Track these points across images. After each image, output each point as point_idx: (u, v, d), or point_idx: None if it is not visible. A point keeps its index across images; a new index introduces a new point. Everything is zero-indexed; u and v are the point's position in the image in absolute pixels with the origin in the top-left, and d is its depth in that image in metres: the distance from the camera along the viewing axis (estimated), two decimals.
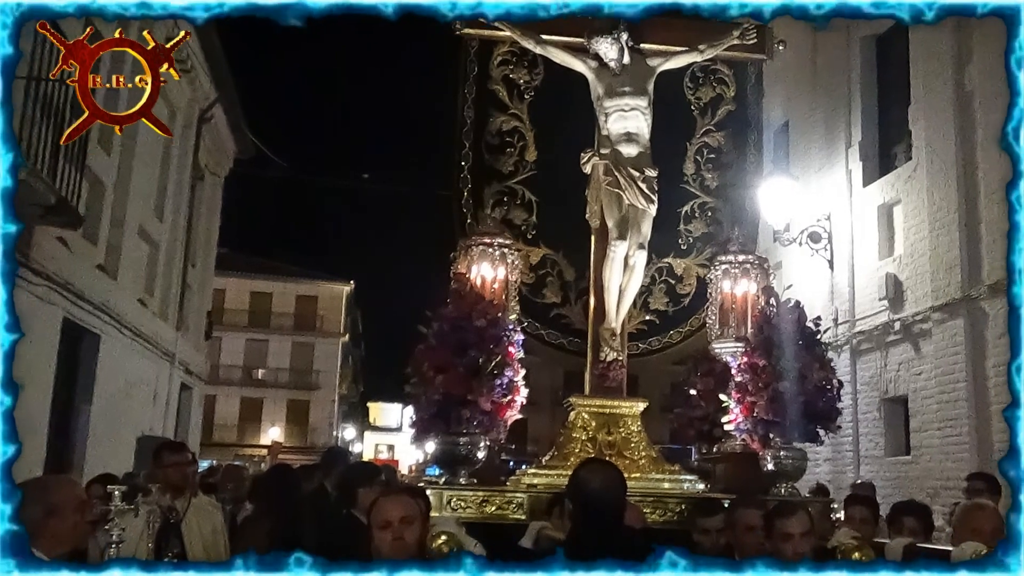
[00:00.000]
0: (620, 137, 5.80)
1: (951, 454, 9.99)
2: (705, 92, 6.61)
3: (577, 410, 5.73)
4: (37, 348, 8.99)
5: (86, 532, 3.46)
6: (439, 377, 4.83)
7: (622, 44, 5.84)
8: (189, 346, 16.63)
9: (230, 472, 8.44)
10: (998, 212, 9.60)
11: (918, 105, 11.23)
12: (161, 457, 5.09)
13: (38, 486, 3.34)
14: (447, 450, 5.04)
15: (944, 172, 10.48)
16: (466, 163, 6.26)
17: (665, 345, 6.38)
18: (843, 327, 12.28)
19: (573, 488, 3.25)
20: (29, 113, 7.42)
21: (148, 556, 4.40)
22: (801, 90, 13.83)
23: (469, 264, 5.69)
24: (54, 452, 9.64)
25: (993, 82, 9.77)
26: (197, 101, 15.53)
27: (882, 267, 11.67)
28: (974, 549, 3.21)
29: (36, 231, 8.51)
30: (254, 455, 37.61)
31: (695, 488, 5.49)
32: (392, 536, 3.11)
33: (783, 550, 3.47)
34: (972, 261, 10.02)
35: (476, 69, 6.34)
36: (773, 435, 5.13)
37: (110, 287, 11.50)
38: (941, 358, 10.38)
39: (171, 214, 14.95)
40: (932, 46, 10.90)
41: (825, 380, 5.19)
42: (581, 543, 3.09)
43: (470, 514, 4.82)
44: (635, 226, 5.73)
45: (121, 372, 12.05)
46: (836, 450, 11.93)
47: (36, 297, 8.86)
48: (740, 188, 6.64)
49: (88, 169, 9.63)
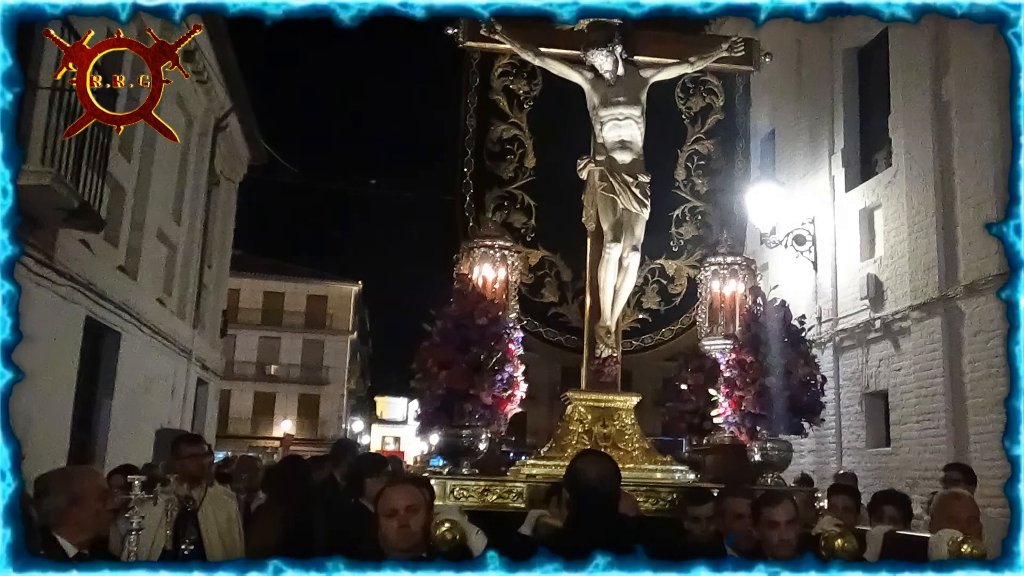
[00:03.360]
0: (615, 144, 5.80)
1: (929, 446, 9.98)
2: (695, 102, 6.61)
3: (574, 404, 5.73)
4: (61, 345, 8.98)
5: (108, 520, 3.46)
6: (443, 373, 4.83)
7: (617, 56, 5.84)
8: (205, 343, 16.61)
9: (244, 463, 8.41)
10: (974, 216, 9.60)
11: (898, 114, 11.22)
12: (179, 449, 5.09)
13: (62, 476, 3.35)
14: (450, 442, 5.04)
15: (922, 178, 10.47)
16: (468, 169, 6.25)
17: (657, 342, 6.37)
18: (826, 325, 12.27)
19: (570, 478, 3.25)
20: (53, 122, 7.41)
21: (166, 543, 4.41)
22: (787, 100, 13.83)
23: (471, 265, 5.69)
24: (77, 444, 9.63)
25: (969, 92, 9.77)
26: (213, 110, 15.51)
27: (863, 268, 11.66)
28: (951, 536, 3.21)
29: (60, 234, 8.50)
30: (267, 447, 37.61)
31: (686, 478, 5.49)
32: (398, 524, 3.11)
33: (769, 537, 3.47)
34: (949, 262, 10.01)
35: (478, 80, 6.34)
36: (760, 428, 5.13)
37: (130, 287, 11.48)
38: (920, 355, 10.37)
39: (188, 218, 14.93)
40: (911, 58, 10.90)
41: (809, 376, 5.20)
42: (578, 530, 3.09)
43: (472, 503, 4.82)
44: (629, 229, 5.73)
45: (141, 368, 12.03)
46: (820, 442, 11.92)
47: (60, 296, 8.85)
48: (729, 193, 6.64)
49: (109, 175, 9.62)
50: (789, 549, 3.44)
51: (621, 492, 3.39)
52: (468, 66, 6.33)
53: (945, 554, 3.14)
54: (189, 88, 13.82)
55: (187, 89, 13.72)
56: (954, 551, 3.13)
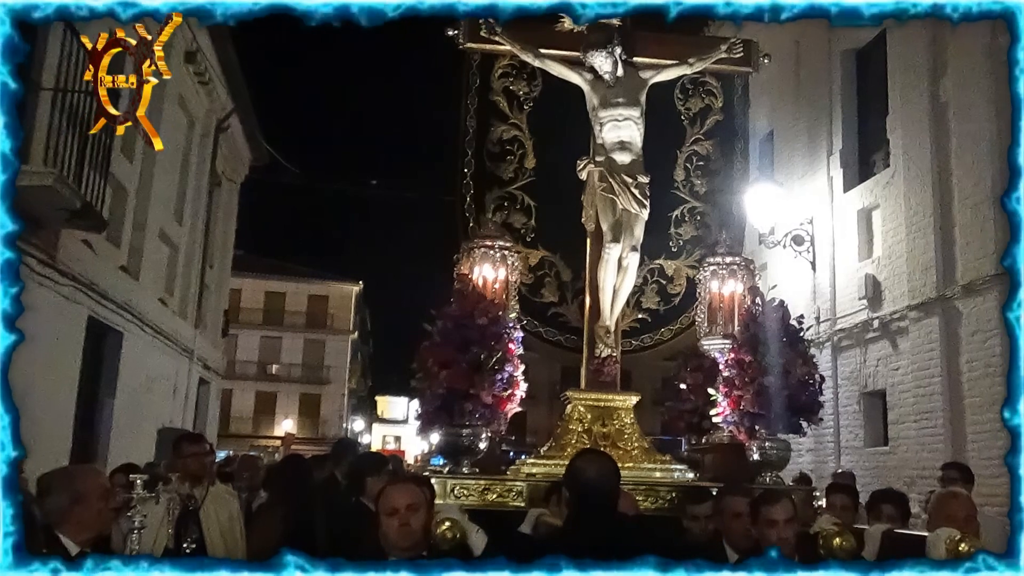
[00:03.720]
0: (614, 145, 5.80)
1: (927, 445, 9.97)
2: (694, 103, 6.60)
3: (573, 403, 5.72)
4: (63, 345, 8.98)
5: (110, 518, 3.46)
6: (443, 372, 4.82)
7: (616, 58, 5.84)
8: (207, 343, 16.61)
9: (246, 462, 8.41)
10: (971, 216, 9.60)
11: (895, 115, 11.22)
12: (181, 448, 5.08)
13: (65, 475, 3.34)
14: (451, 441, 5.03)
15: (920, 178, 10.46)
16: (468, 170, 6.25)
17: (657, 342, 6.37)
18: (825, 325, 12.26)
19: (570, 477, 3.25)
20: (56, 123, 7.40)
21: (168, 541, 4.40)
22: (785, 101, 13.82)
23: (471, 265, 5.69)
24: (79, 443, 9.62)
25: (967, 93, 9.76)
26: (214, 112, 15.50)
27: (861, 268, 11.65)
28: (948, 535, 3.20)
29: (62, 234, 8.49)
30: (268, 446, 37.52)
31: (685, 477, 5.48)
32: (399, 522, 3.10)
33: (768, 536, 3.46)
34: (947, 263, 10.00)
35: (478, 81, 6.33)
36: (759, 427, 5.13)
37: (132, 287, 11.48)
38: (917, 354, 10.36)
39: (190, 218, 14.92)
40: (909, 59, 10.89)
41: (808, 375, 5.19)
42: (577, 529, 3.09)
43: (472, 501, 4.81)
44: (628, 229, 5.73)
45: (143, 368, 12.03)
46: (818, 441, 11.92)
47: (62, 297, 8.85)
48: (727, 194, 6.63)
49: (112, 176, 9.61)
50: (787, 547, 3.44)
51: (620, 491, 3.39)
52: (468, 67, 6.32)
53: (943, 552, 3.14)
54: (191, 89, 13.82)
55: (189, 90, 13.72)
56: (952, 549, 3.12)
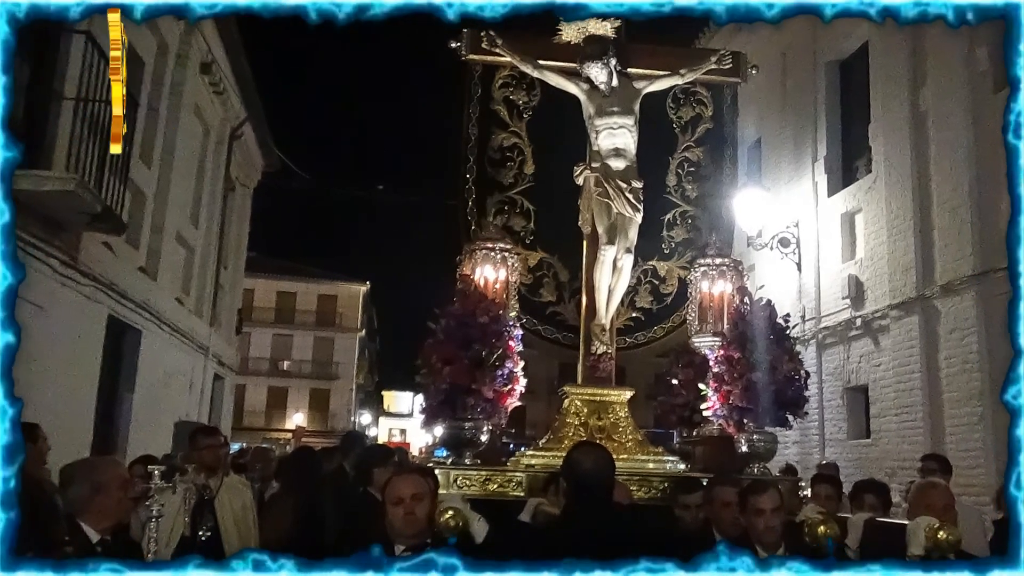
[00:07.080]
0: (609, 152, 5.81)
1: (907, 437, 9.97)
2: (686, 112, 6.61)
3: (571, 398, 5.73)
4: (84, 343, 8.97)
5: (129, 508, 3.47)
6: (446, 368, 4.82)
7: (611, 69, 5.86)
8: (221, 340, 16.59)
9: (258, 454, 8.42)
10: (949, 220, 9.60)
11: (877, 124, 11.22)
12: (196, 440, 5.09)
13: (86, 466, 3.35)
14: (453, 434, 5.03)
15: (901, 184, 10.46)
16: (470, 175, 6.25)
17: (650, 339, 6.37)
18: (810, 323, 12.26)
19: (567, 468, 3.24)
20: (78, 131, 7.41)
21: (185, 530, 4.40)
22: (772, 110, 13.82)
23: (473, 266, 5.69)
24: (100, 436, 9.62)
25: (945, 103, 9.78)
26: (228, 120, 15.49)
27: (845, 269, 11.65)
28: (928, 523, 3.20)
29: (84, 237, 8.48)
30: (280, 438, 37.51)
31: (677, 468, 5.48)
32: (404, 511, 3.11)
33: (756, 524, 3.47)
34: (926, 264, 10.01)
35: (480, 91, 6.34)
36: (747, 420, 5.13)
37: (150, 287, 11.47)
38: (898, 351, 10.36)
39: (205, 222, 14.91)
40: (890, 70, 10.89)
41: (794, 371, 5.19)
42: (574, 518, 3.09)
43: (474, 491, 4.81)
44: (623, 232, 5.74)
45: (160, 364, 12.02)
46: (803, 434, 11.91)
47: (84, 296, 8.84)
48: (717, 198, 6.64)
49: (131, 181, 9.60)
50: (774, 535, 3.45)
51: (615, 481, 3.39)
52: (470, 78, 6.33)
53: (922, 540, 3.14)
54: (206, 99, 13.82)
55: (204, 100, 13.72)
56: (931, 537, 3.12)
